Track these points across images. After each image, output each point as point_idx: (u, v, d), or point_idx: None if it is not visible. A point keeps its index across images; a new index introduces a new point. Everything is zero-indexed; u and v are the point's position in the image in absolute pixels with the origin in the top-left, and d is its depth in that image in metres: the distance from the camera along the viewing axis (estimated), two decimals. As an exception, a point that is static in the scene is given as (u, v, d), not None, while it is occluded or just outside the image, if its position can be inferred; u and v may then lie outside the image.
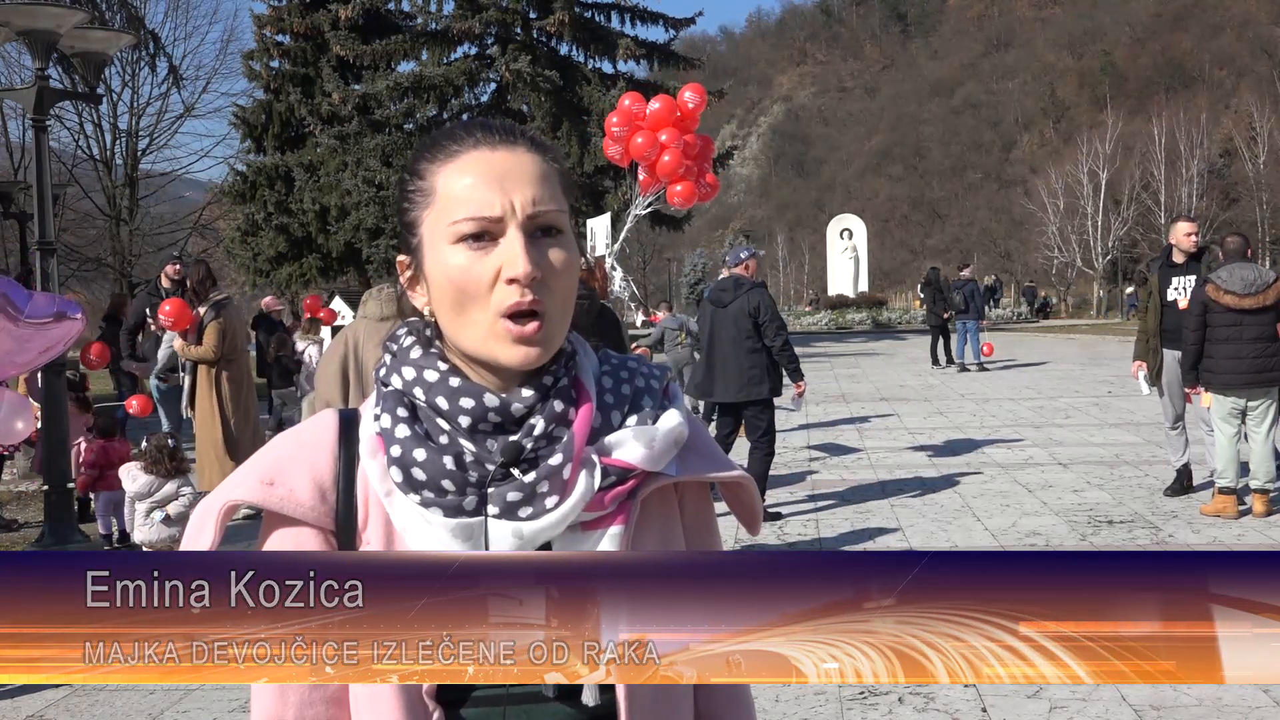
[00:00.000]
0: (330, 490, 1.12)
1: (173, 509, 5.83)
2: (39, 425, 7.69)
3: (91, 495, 7.62)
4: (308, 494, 1.11)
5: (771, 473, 9.47)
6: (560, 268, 1.10)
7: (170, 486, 5.89)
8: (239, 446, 7.98)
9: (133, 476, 5.92)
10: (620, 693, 1.11)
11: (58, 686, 4.74)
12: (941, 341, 19.96)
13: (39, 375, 7.50)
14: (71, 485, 7.29)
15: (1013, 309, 44.07)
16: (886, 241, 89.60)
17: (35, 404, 7.08)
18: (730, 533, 6.16)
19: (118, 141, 28.90)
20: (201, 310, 8.07)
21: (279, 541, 1.13)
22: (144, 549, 5.93)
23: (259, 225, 27.05)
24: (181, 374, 9.25)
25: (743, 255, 7.94)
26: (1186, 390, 7.47)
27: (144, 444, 6.30)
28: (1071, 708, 4.11)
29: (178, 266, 10.14)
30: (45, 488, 7.22)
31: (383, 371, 1.16)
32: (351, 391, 3.61)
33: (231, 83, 48.14)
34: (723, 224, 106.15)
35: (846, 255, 43.44)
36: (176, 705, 4.47)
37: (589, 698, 1.09)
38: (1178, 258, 7.83)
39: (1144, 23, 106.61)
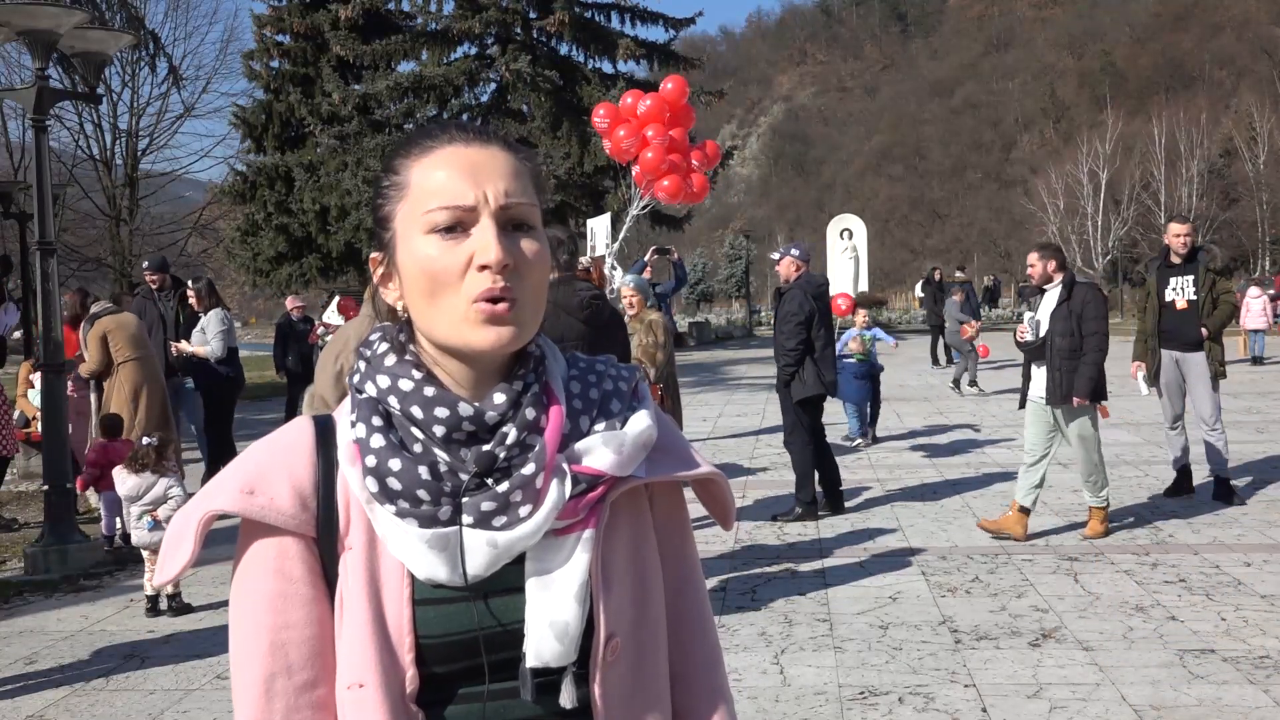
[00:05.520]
0: (311, 497, 1.11)
1: (162, 513, 5.79)
2: (38, 421, 7.70)
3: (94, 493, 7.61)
4: (288, 502, 1.10)
5: (772, 473, 9.49)
6: (532, 258, 1.10)
7: (159, 489, 5.83)
8: None
9: (122, 479, 5.89)
10: (596, 694, 1.12)
11: (58, 686, 4.74)
12: (941, 341, 19.95)
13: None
14: (71, 485, 7.29)
15: (1013, 309, 44.06)
16: (886, 241, 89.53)
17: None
18: (732, 533, 6.17)
19: (118, 141, 28.80)
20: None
21: (260, 550, 1.11)
22: (141, 551, 5.92)
23: (259, 225, 27.04)
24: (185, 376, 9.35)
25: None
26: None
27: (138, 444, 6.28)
28: (1071, 708, 4.11)
29: (154, 276, 10.21)
30: (45, 487, 7.22)
31: (356, 378, 1.15)
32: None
33: (231, 83, 48.58)
34: (723, 224, 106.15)
35: (846, 255, 43.34)
36: (176, 705, 4.46)
37: (566, 700, 1.10)
38: (1175, 258, 7.82)
39: (1144, 23, 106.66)
